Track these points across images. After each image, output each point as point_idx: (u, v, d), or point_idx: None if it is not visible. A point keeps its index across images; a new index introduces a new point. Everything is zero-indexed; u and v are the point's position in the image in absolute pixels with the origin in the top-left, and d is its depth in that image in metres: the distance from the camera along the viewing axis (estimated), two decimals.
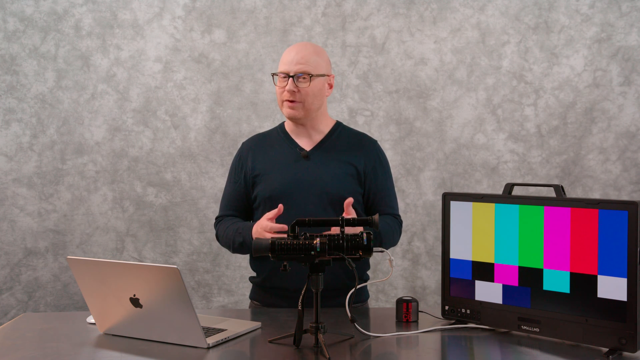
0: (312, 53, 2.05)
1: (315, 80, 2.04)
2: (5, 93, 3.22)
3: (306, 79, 2.02)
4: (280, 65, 2.06)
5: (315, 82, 2.04)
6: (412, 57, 3.29)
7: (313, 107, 2.07)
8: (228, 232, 2.08)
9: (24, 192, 3.23)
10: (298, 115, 2.07)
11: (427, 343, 1.74)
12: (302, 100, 2.04)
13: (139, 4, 3.23)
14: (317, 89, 2.05)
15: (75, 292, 3.26)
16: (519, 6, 3.27)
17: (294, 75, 2.02)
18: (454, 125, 3.31)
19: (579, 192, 3.30)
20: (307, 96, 2.04)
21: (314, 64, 2.04)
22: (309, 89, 2.03)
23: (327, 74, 2.09)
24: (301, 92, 2.03)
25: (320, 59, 2.06)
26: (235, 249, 2.07)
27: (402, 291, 3.33)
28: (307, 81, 2.02)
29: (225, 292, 3.31)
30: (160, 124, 3.27)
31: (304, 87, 2.03)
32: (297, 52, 2.04)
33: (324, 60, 2.08)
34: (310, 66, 2.03)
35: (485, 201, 1.82)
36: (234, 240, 2.05)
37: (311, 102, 2.05)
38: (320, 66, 2.06)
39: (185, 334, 1.65)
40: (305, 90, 2.03)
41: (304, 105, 2.05)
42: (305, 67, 2.02)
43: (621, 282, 1.59)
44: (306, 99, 2.04)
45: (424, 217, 3.32)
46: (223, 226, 2.13)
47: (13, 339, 1.76)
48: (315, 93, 2.05)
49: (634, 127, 3.28)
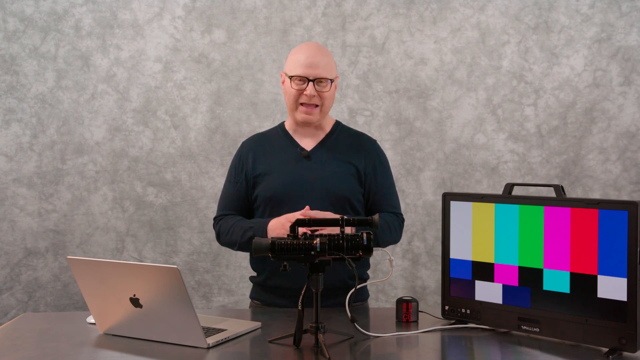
0: (328, 56, 2.07)
1: (333, 84, 2.07)
2: (5, 93, 3.22)
3: (326, 83, 2.04)
4: (296, 67, 2.04)
5: (333, 86, 2.07)
6: (412, 57, 3.29)
7: (327, 110, 2.11)
8: (235, 229, 2.06)
9: (24, 192, 3.23)
10: (314, 120, 2.08)
11: (427, 343, 1.74)
12: (320, 104, 2.06)
13: (139, 4, 3.23)
14: (333, 93, 2.09)
15: (75, 292, 3.26)
16: (519, 6, 3.27)
17: (314, 79, 2.03)
18: (454, 125, 3.31)
19: (579, 192, 3.30)
20: (325, 100, 2.06)
21: (330, 68, 2.06)
22: (329, 93, 2.06)
23: (336, 76, 2.12)
24: (321, 97, 2.05)
25: (333, 62, 2.09)
26: (242, 243, 2.04)
27: (402, 291, 3.33)
28: (327, 85, 2.04)
29: (225, 292, 3.31)
30: (160, 124, 3.27)
31: (325, 92, 2.04)
32: (314, 55, 2.04)
33: (334, 63, 2.11)
34: (329, 71, 2.05)
35: (485, 201, 1.82)
36: (244, 234, 2.03)
37: (327, 106, 2.09)
38: (334, 69, 2.09)
39: (185, 334, 1.65)
40: (324, 95, 2.05)
41: (321, 110, 2.07)
42: (324, 71, 2.04)
43: (621, 282, 1.59)
44: (324, 102, 2.07)
45: (424, 217, 3.32)
46: (226, 224, 2.10)
47: (13, 339, 1.76)
48: (332, 96, 2.09)
49: (634, 127, 3.28)
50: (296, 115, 2.08)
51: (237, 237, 2.05)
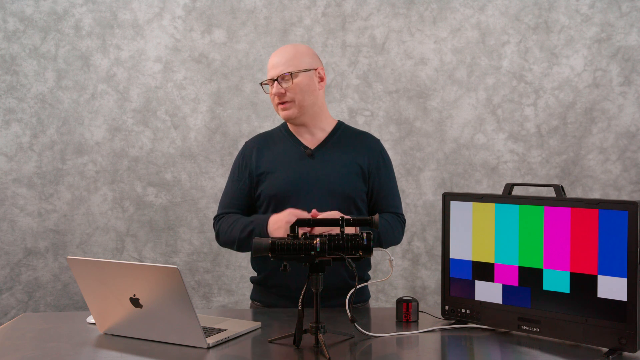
0: (290, 52, 2.08)
1: (299, 76, 2.06)
2: (5, 93, 3.22)
3: (288, 78, 2.05)
4: (267, 73, 2.11)
5: (299, 79, 2.06)
6: (412, 57, 3.29)
7: (305, 103, 2.08)
8: (236, 224, 2.05)
9: (24, 192, 3.23)
10: (293, 115, 2.08)
11: (427, 343, 1.74)
12: (292, 99, 2.07)
13: (139, 4, 3.23)
14: (303, 84, 2.07)
15: (75, 292, 3.26)
16: (519, 6, 3.27)
17: (277, 78, 2.06)
18: (454, 125, 3.31)
19: (579, 192, 3.30)
20: (295, 94, 2.06)
21: (294, 62, 2.07)
22: (294, 86, 2.06)
23: (311, 67, 2.09)
24: (288, 92, 2.06)
25: (300, 56, 2.08)
26: (241, 240, 2.02)
27: (402, 291, 3.33)
28: (289, 80, 2.05)
29: (225, 292, 3.31)
30: (160, 124, 3.27)
31: (287, 86, 2.05)
32: (276, 56, 2.09)
33: (305, 55, 2.09)
34: (290, 65, 2.06)
35: (485, 201, 1.82)
36: (244, 229, 2.01)
37: (302, 99, 2.07)
38: (302, 62, 2.08)
39: (185, 334, 1.65)
40: (291, 89, 2.06)
41: (295, 103, 2.07)
42: (285, 67, 2.06)
43: (621, 282, 1.59)
44: (295, 96, 2.06)
45: (424, 217, 3.32)
46: (227, 222, 2.09)
47: (13, 339, 1.76)
48: (303, 88, 2.07)
49: (634, 127, 3.28)
50: (279, 115, 2.12)
51: (237, 233, 2.03)
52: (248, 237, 2.01)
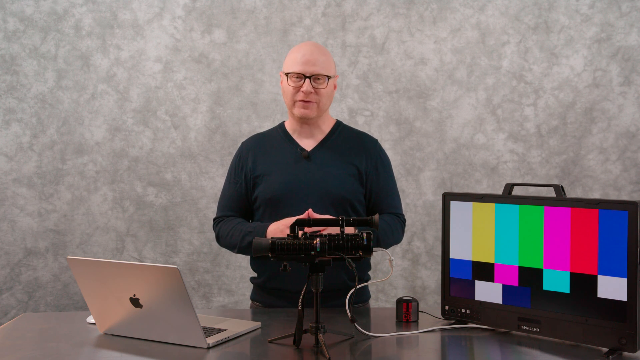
0: (325, 54, 2.09)
1: (330, 81, 2.08)
2: (5, 93, 3.22)
3: (323, 80, 2.05)
4: (293, 65, 2.06)
5: (330, 83, 2.08)
6: (412, 57, 3.29)
7: (325, 108, 2.11)
8: (235, 232, 2.06)
9: (24, 192, 3.23)
10: (311, 115, 2.08)
11: (427, 343, 1.74)
12: (317, 101, 2.07)
13: (139, 4, 3.23)
14: (330, 90, 2.10)
15: (75, 292, 3.26)
16: (519, 6, 3.27)
17: (310, 76, 2.04)
18: (454, 125, 3.31)
19: (579, 192, 3.30)
20: (322, 97, 2.07)
21: (331, 66, 2.08)
22: (325, 90, 2.06)
23: (335, 74, 2.12)
24: (317, 93, 2.05)
25: (331, 60, 2.10)
26: (242, 247, 2.05)
27: (402, 291, 3.33)
28: (324, 82, 2.05)
29: (225, 292, 3.31)
30: (161, 124, 3.27)
31: (321, 88, 2.05)
32: (311, 53, 2.06)
33: (332, 62, 2.12)
34: (328, 69, 2.07)
35: (485, 201, 1.82)
36: (243, 239, 2.03)
37: (325, 103, 2.09)
38: (332, 67, 2.10)
39: (185, 334, 1.65)
40: (321, 92, 2.06)
41: (318, 106, 2.08)
42: (322, 69, 2.05)
43: (621, 282, 1.59)
44: (321, 99, 2.07)
45: (424, 217, 3.32)
46: (226, 226, 2.10)
47: (13, 339, 1.76)
48: (329, 94, 2.09)
49: (634, 127, 3.28)
50: (294, 111, 2.09)
51: (237, 240, 2.05)
52: (247, 247, 2.03)
